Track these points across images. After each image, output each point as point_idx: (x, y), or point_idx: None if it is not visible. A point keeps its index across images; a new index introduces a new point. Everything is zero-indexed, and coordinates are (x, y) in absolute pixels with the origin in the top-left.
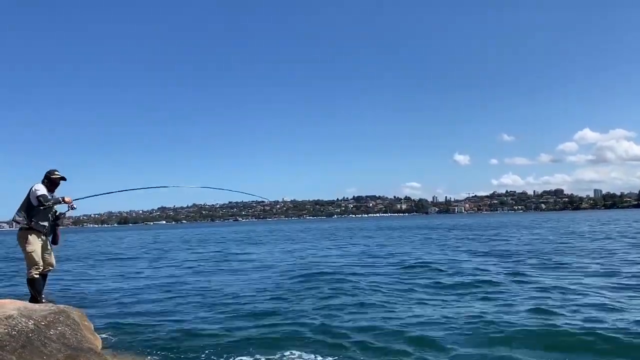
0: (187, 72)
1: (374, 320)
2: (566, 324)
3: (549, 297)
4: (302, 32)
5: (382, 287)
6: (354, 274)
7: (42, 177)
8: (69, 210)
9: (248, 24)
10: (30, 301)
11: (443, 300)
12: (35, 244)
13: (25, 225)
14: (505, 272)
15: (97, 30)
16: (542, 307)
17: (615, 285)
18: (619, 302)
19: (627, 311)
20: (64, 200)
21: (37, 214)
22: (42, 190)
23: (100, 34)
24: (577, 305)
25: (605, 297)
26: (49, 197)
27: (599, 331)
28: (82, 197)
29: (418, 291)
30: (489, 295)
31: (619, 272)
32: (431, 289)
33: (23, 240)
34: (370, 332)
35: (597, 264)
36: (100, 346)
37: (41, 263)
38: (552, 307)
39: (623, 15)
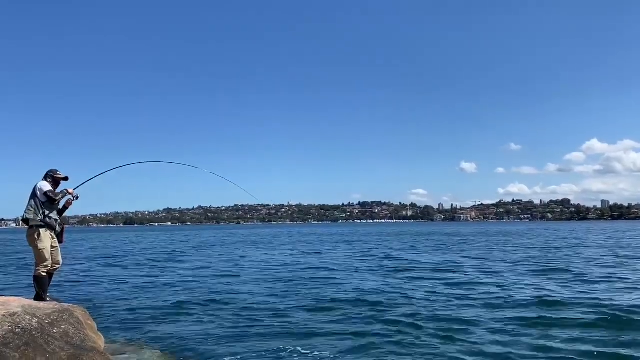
0: (192, 75)
1: None
2: None
3: None
4: (310, 37)
5: None
6: None
7: (43, 176)
8: (73, 199)
9: (257, 29)
10: (35, 299)
11: None
12: (46, 241)
13: (38, 222)
14: None
15: (99, 30)
16: None
17: None
18: None
19: None
20: (67, 191)
21: (47, 209)
22: (48, 186)
23: (102, 34)
24: None
25: None
26: (57, 192)
27: None
28: (82, 183)
29: None
30: None
31: None
32: None
33: (34, 237)
34: None
35: None
36: (103, 345)
37: (50, 261)
38: None
39: (634, 25)
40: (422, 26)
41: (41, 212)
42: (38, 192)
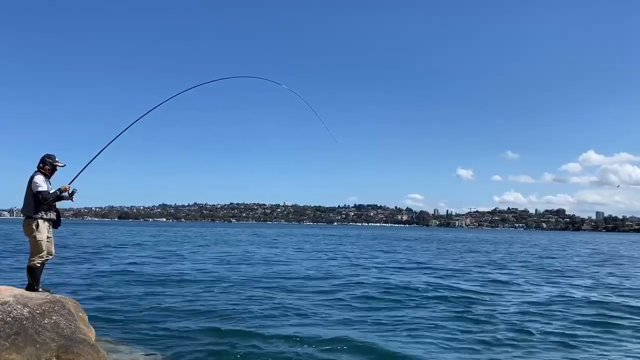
0: (190, 74)
1: None
2: None
3: None
4: (308, 40)
5: None
6: None
7: (38, 162)
8: (68, 198)
9: (259, 29)
10: (27, 289)
11: None
12: (43, 232)
13: (38, 218)
14: None
15: (102, 29)
16: None
17: None
18: None
19: None
20: (61, 191)
21: (43, 205)
22: (42, 185)
23: (104, 33)
24: None
25: None
26: (49, 194)
27: None
28: (76, 176)
29: None
30: None
31: None
32: None
33: (32, 228)
34: None
35: None
36: (93, 338)
37: (46, 252)
38: None
39: (633, 38)
40: (420, 32)
41: (40, 209)
42: (33, 187)
